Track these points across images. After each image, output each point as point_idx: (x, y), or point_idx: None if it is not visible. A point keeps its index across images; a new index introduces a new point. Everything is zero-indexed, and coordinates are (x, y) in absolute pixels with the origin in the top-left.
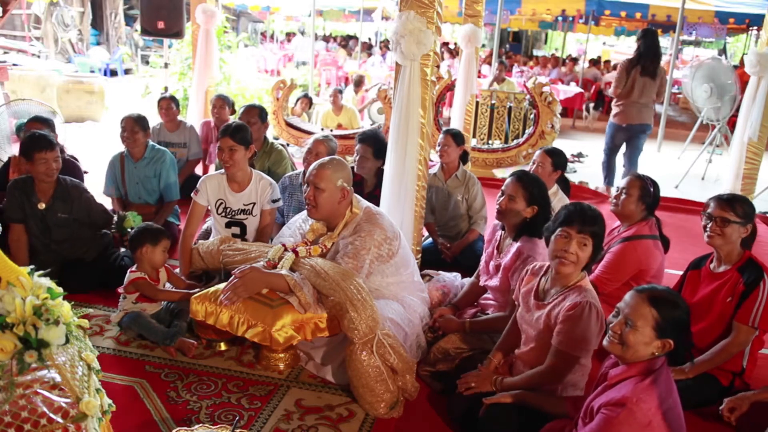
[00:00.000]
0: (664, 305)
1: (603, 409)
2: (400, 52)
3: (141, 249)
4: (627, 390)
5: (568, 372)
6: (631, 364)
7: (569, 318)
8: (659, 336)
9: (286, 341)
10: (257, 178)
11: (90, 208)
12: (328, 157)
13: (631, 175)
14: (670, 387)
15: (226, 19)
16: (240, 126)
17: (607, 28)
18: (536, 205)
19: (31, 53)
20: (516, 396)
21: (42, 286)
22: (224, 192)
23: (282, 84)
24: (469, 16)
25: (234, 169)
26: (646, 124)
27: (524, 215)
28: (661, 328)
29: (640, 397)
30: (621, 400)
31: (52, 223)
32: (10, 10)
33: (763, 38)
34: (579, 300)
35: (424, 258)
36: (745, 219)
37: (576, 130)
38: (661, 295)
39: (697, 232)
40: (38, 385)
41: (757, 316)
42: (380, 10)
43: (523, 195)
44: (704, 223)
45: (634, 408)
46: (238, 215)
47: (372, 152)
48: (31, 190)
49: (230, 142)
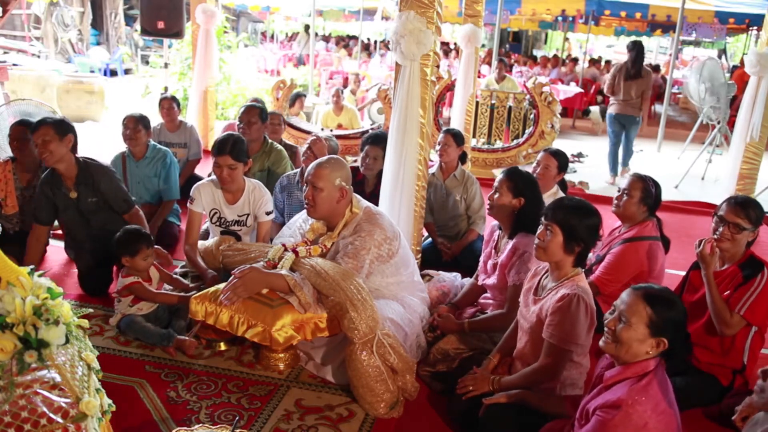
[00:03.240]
0: (659, 303)
1: (598, 411)
2: (400, 52)
3: (122, 259)
4: (622, 392)
5: (561, 367)
6: (627, 366)
7: (558, 309)
8: (653, 334)
9: (286, 341)
10: (249, 188)
11: (114, 189)
12: (326, 156)
13: (633, 176)
14: (666, 388)
15: (226, 19)
16: (238, 141)
17: (607, 28)
18: (522, 197)
19: (31, 53)
20: (515, 396)
21: (42, 286)
22: (219, 203)
23: (282, 84)
24: (469, 16)
25: (232, 186)
26: (632, 116)
27: (512, 207)
28: (655, 325)
29: (636, 399)
30: (616, 402)
31: (86, 211)
32: (10, 10)
33: (763, 38)
34: (568, 292)
35: (424, 258)
36: (755, 224)
37: (576, 130)
38: (656, 293)
39: (697, 232)
40: (38, 385)
41: (745, 304)
42: (380, 10)
43: (507, 186)
44: (715, 225)
45: (629, 410)
46: (232, 226)
47: (383, 154)
48: (59, 181)
49: (230, 161)
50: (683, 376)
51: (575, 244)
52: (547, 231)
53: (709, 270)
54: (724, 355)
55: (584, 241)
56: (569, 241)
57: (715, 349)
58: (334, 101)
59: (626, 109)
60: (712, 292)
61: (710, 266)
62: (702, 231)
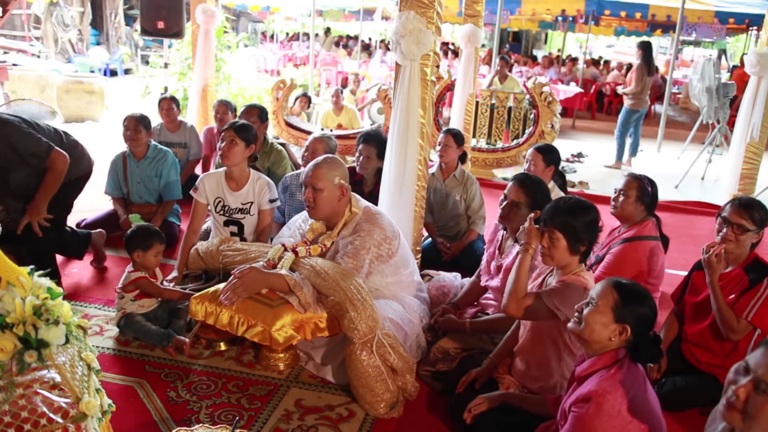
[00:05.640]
0: (627, 292)
1: (573, 407)
2: (400, 52)
3: (133, 253)
4: (592, 384)
5: (528, 318)
6: (597, 358)
7: (559, 282)
8: (617, 319)
9: (286, 341)
10: (254, 178)
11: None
12: (322, 156)
13: (628, 176)
14: (636, 373)
15: (226, 19)
16: (247, 125)
17: (607, 28)
18: (539, 209)
19: (31, 53)
20: (496, 399)
21: (42, 286)
22: (223, 190)
23: (282, 84)
24: (469, 16)
25: (229, 161)
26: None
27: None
28: (619, 310)
29: (605, 388)
30: (587, 395)
31: None
32: (10, 10)
33: (763, 38)
34: (572, 279)
35: (424, 258)
36: (760, 226)
37: (576, 130)
38: (628, 284)
39: (696, 232)
40: (38, 385)
41: (752, 310)
42: (380, 10)
43: (526, 201)
44: (718, 226)
45: (600, 400)
46: (235, 214)
47: (376, 153)
48: None
49: (232, 134)
50: (683, 376)
51: (579, 245)
52: (549, 238)
53: (714, 276)
54: (725, 357)
55: (587, 239)
56: (573, 243)
57: (717, 351)
58: (333, 101)
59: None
60: (718, 299)
61: (716, 273)
62: (702, 231)
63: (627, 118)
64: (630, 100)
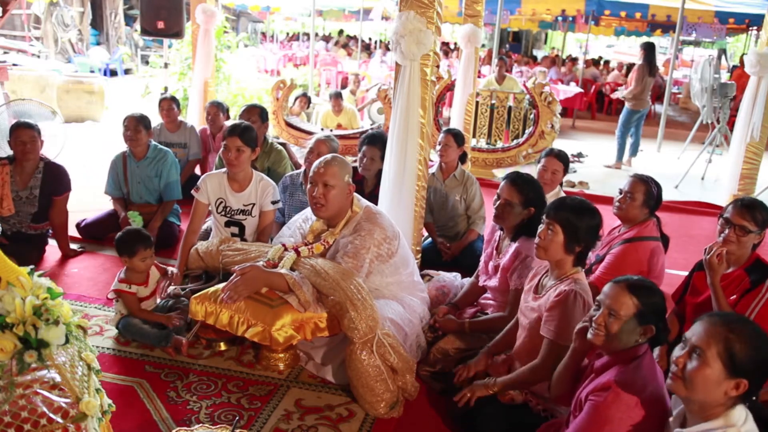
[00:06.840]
0: (642, 292)
1: (590, 396)
2: (400, 52)
3: (121, 258)
4: (612, 375)
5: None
6: (616, 353)
7: (556, 304)
8: (641, 323)
9: (286, 341)
10: (257, 179)
11: None
12: (330, 155)
13: (634, 178)
14: (654, 369)
15: (226, 19)
16: (248, 127)
17: (607, 28)
18: (533, 207)
19: (31, 53)
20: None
21: (42, 286)
22: (225, 191)
23: (282, 84)
24: (469, 16)
25: (238, 169)
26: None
27: (521, 217)
28: (642, 314)
29: (625, 379)
30: (606, 383)
31: None
32: (10, 10)
33: (763, 38)
34: (566, 288)
35: (424, 258)
36: (762, 227)
37: (576, 130)
38: (637, 283)
39: (696, 232)
40: (38, 385)
41: (753, 311)
42: (380, 10)
43: (519, 199)
44: (720, 227)
45: (619, 390)
46: (237, 215)
47: (380, 154)
48: None
49: (238, 143)
50: None
51: (576, 245)
52: (548, 230)
53: (716, 278)
54: None
55: (585, 241)
56: (570, 241)
57: None
58: (333, 106)
59: (642, 104)
60: (720, 300)
61: (718, 274)
62: (702, 231)
63: (628, 119)
64: (631, 101)
